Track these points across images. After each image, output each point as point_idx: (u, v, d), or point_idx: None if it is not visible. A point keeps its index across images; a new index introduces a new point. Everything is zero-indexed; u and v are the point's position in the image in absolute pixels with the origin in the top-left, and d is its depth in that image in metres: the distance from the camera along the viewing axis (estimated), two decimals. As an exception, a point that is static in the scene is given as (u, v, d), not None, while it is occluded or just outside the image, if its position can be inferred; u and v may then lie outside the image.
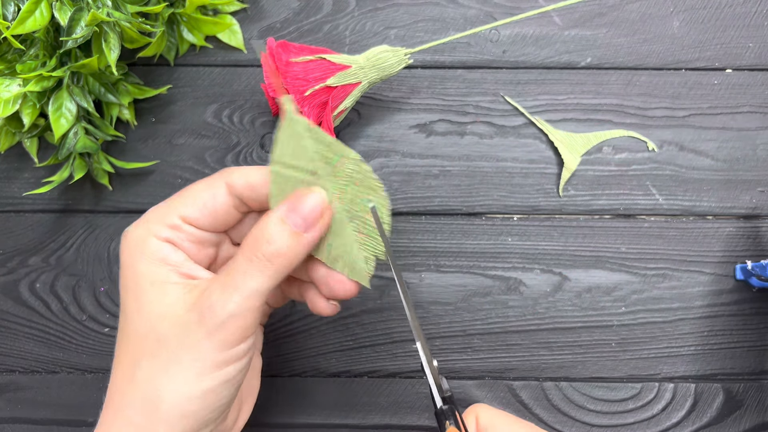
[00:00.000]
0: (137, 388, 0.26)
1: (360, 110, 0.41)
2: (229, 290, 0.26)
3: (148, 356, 0.27)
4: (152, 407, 0.26)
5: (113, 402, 0.27)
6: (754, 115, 0.41)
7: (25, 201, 0.41)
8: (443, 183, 0.41)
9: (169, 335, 0.26)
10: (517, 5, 0.41)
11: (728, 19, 0.41)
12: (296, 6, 0.42)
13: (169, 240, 0.28)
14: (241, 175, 0.29)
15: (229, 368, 0.27)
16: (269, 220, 0.27)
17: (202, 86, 0.42)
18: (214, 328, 0.26)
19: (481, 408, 0.30)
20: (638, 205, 0.40)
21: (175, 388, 0.26)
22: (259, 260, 0.26)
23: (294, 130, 0.28)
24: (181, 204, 0.29)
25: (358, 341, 0.40)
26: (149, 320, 0.27)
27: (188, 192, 0.29)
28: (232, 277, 0.26)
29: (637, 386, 0.40)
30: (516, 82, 0.41)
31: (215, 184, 0.29)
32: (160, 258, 0.28)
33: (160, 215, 0.29)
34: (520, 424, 0.29)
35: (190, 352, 0.26)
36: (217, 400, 0.27)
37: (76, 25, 0.34)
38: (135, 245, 0.28)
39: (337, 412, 0.40)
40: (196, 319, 0.26)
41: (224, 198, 0.29)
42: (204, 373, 0.26)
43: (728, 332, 0.40)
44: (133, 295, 0.28)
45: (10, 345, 0.41)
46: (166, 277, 0.27)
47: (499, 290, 0.40)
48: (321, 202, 0.28)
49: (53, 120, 0.36)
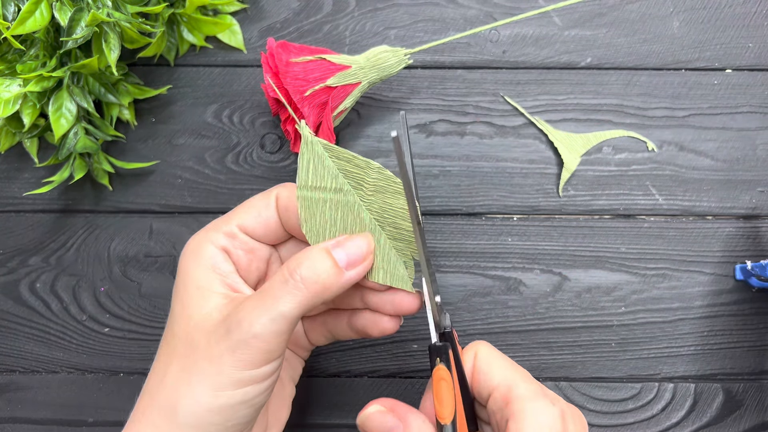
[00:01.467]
0: (163, 391, 0.27)
1: (360, 110, 0.41)
2: (258, 310, 0.26)
3: (179, 361, 0.27)
4: (172, 412, 0.26)
5: (143, 401, 0.28)
6: (754, 115, 0.41)
7: (25, 201, 0.41)
8: (443, 183, 0.41)
9: (199, 344, 0.27)
10: (517, 5, 0.41)
11: (728, 19, 0.41)
12: (296, 6, 0.42)
13: (224, 248, 0.29)
14: (287, 192, 0.30)
15: (247, 389, 0.26)
16: (315, 248, 0.28)
17: (202, 86, 0.42)
18: (237, 346, 0.26)
19: (482, 346, 0.30)
20: (638, 205, 0.40)
21: (194, 397, 0.26)
22: (295, 283, 0.26)
23: (313, 152, 0.28)
24: (238, 212, 0.30)
25: (358, 341, 0.40)
26: (188, 325, 0.27)
27: (247, 202, 0.30)
28: (264, 297, 0.26)
29: (637, 386, 0.40)
30: (516, 82, 0.41)
31: (269, 194, 0.30)
32: (211, 264, 0.28)
33: (220, 223, 0.30)
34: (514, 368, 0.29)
35: (212, 364, 0.26)
36: (233, 419, 0.26)
37: (76, 26, 0.34)
38: (192, 250, 0.29)
39: (337, 412, 0.40)
40: (223, 333, 0.26)
41: (274, 209, 0.30)
42: (222, 389, 0.26)
43: (728, 332, 0.40)
44: (180, 298, 0.28)
45: (10, 345, 0.41)
46: (210, 285, 0.28)
47: (499, 290, 0.40)
48: (367, 245, 0.28)
49: (53, 120, 0.37)
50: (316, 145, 0.28)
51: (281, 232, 0.30)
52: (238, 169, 0.41)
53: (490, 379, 0.28)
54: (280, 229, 0.30)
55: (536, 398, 0.27)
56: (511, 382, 0.28)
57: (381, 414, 0.28)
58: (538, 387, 0.28)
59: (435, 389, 0.28)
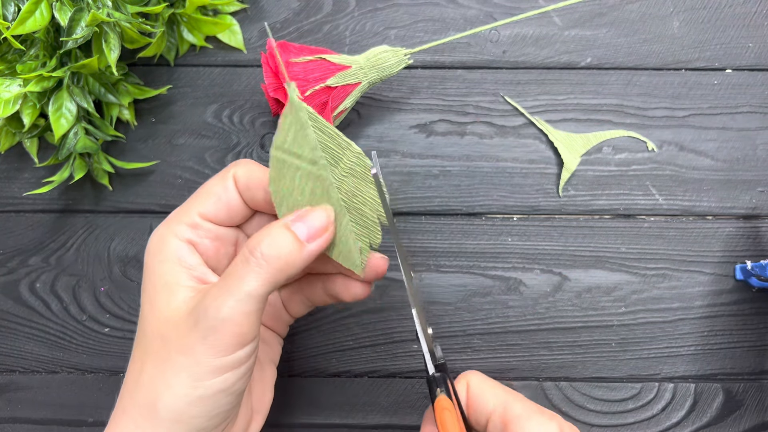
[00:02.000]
0: (141, 390, 0.27)
1: (360, 110, 0.41)
2: (223, 294, 0.26)
3: (153, 358, 0.27)
4: (152, 410, 0.26)
5: (122, 402, 0.27)
6: (754, 115, 0.41)
7: (25, 201, 0.41)
8: (443, 183, 0.41)
9: (171, 338, 0.26)
10: (517, 5, 0.41)
11: (728, 19, 0.41)
12: (296, 6, 0.42)
13: (190, 240, 0.28)
14: (244, 170, 0.29)
15: (226, 375, 0.26)
16: (274, 224, 0.27)
17: (202, 86, 0.42)
18: (208, 333, 0.25)
19: (472, 375, 0.30)
20: (638, 205, 0.40)
21: (172, 392, 0.26)
22: (256, 261, 0.26)
23: (297, 117, 0.28)
24: (197, 201, 0.29)
25: (358, 341, 0.40)
26: (158, 321, 0.27)
27: (203, 188, 0.30)
28: (227, 280, 0.26)
29: (637, 386, 0.40)
30: (516, 82, 0.41)
31: (225, 176, 0.29)
32: (177, 258, 0.28)
33: (181, 215, 0.29)
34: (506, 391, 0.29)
35: (186, 356, 0.26)
36: (215, 408, 0.26)
37: (76, 26, 0.34)
38: (156, 245, 0.28)
39: (337, 412, 0.40)
40: (192, 323, 0.26)
41: (233, 190, 0.29)
42: (199, 379, 0.26)
43: (728, 332, 0.40)
44: (148, 295, 0.28)
45: (10, 345, 0.41)
46: (177, 279, 0.28)
47: (499, 290, 0.40)
48: (328, 217, 0.28)
49: (53, 120, 0.37)
50: (302, 111, 0.28)
51: (245, 212, 0.30)
52: (238, 169, 0.41)
53: (485, 404, 0.29)
54: (244, 208, 0.30)
55: (533, 416, 0.27)
56: (507, 403, 0.28)
57: None
58: (533, 405, 0.28)
59: (439, 420, 0.28)
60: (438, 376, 0.29)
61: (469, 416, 0.30)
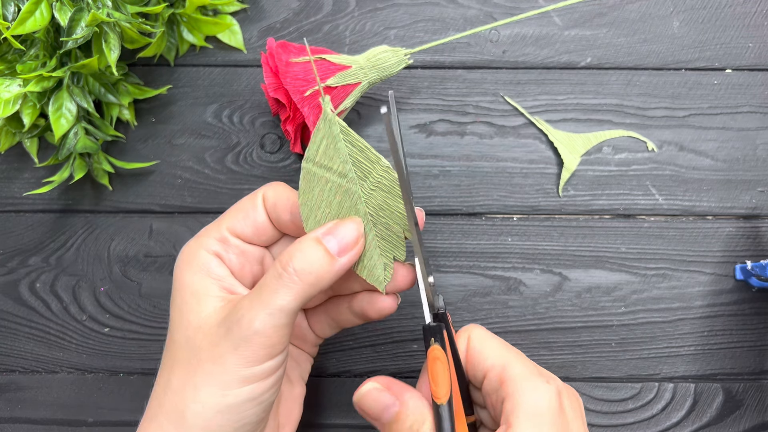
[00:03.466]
0: (170, 397, 0.27)
1: (360, 110, 0.41)
2: (256, 306, 0.26)
3: (182, 366, 0.27)
4: (180, 417, 0.26)
5: (151, 408, 0.28)
6: (754, 115, 0.41)
7: (25, 201, 0.41)
8: (443, 183, 0.41)
9: (201, 347, 0.27)
10: (517, 5, 0.41)
11: (728, 19, 0.41)
12: (296, 6, 0.42)
13: (217, 253, 0.29)
14: (274, 191, 0.30)
15: (253, 386, 0.26)
16: (304, 239, 0.27)
17: (202, 86, 0.42)
18: (239, 343, 0.26)
19: (475, 328, 0.30)
20: (638, 205, 0.40)
21: (201, 400, 0.26)
22: (289, 276, 0.26)
23: (330, 130, 0.28)
24: (227, 216, 0.30)
25: (358, 341, 0.40)
26: (187, 330, 0.27)
27: (235, 205, 0.30)
28: (260, 293, 0.26)
29: (637, 386, 0.40)
30: (516, 82, 0.41)
31: (255, 194, 0.30)
32: (205, 270, 0.28)
33: (210, 230, 0.30)
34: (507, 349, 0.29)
35: (216, 365, 0.26)
36: (242, 418, 0.26)
37: (76, 26, 0.34)
38: (185, 257, 0.29)
39: (337, 412, 0.40)
40: (224, 333, 0.26)
41: (262, 209, 0.30)
42: (228, 388, 0.26)
43: (728, 332, 0.40)
44: (178, 305, 0.28)
45: (10, 345, 0.41)
46: (207, 290, 0.28)
47: (499, 290, 0.40)
48: (358, 230, 0.28)
49: (53, 120, 0.37)
50: (334, 125, 0.28)
51: (271, 232, 0.30)
52: (238, 169, 0.41)
53: (484, 360, 0.28)
54: (270, 228, 0.30)
55: (531, 377, 0.27)
56: (506, 362, 0.28)
57: (377, 392, 0.28)
58: (532, 366, 0.28)
59: (430, 369, 0.28)
60: (434, 325, 0.28)
61: (467, 370, 0.29)
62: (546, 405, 0.26)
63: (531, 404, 0.26)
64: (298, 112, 0.36)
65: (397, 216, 0.29)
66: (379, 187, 0.28)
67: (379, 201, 0.29)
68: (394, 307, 0.31)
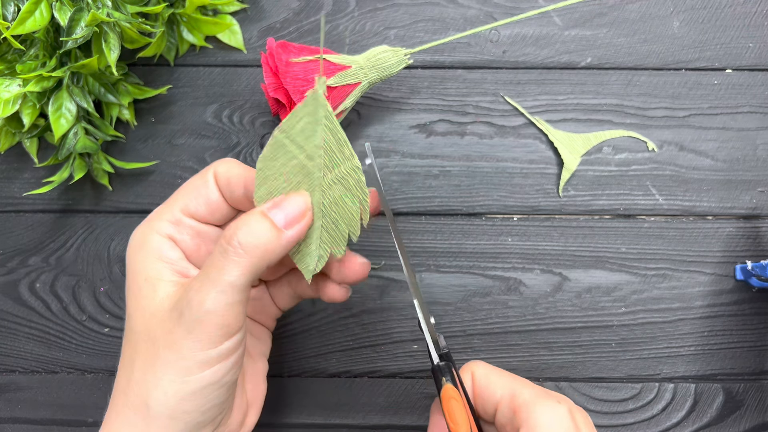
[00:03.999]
0: (133, 388, 0.26)
1: (360, 110, 0.41)
2: (205, 286, 0.26)
3: (142, 355, 0.27)
4: (145, 408, 0.26)
5: (115, 401, 0.27)
6: (754, 115, 0.41)
7: (25, 201, 0.41)
8: (443, 183, 0.41)
9: (157, 334, 0.26)
10: (517, 5, 0.41)
11: (728, 19, 0.41)
12: (296, 6, 0.42)
13: (170, 236, 0.28)
14: (225, 167, 0.29)
15: (214, 368, 0.26)
16: (249, 213, 0.27)
17: (202, 86, 0.42)
18: (193, 326, 0.25)
19: (477, 365, 0.30)
20: (638, 205, 0.40)
21: (162, 389, 0.26)
22: (234, 250, 0.26)
23: (315, 111, 0.27)
24: (179, 197, 0.29)
25: (358, 341, 0.40)
26: (143, 318, 0.27)
27: (185, 184, 0.30)
28: (207, 272, 0.26)
29: (637, 386, 0.40)
30: (516, 82, 0.41)
31: (206, 172, 0.29)
32: (157, 254, 0.28)
33: (162, 212, 0.29)
34: (513, 378, 0.29)
35: (173, 351, 0.26)
36: (207, 402, 0.26)
37: (76, 26, 0.34)
38: (137, 242, 0.28)
39: (337, 412, 0.40)
40: (177, 317, 0.26)
41: (214, 186, 0.29)
42: (188, 374, 0.26)
43: (728, 332, 0.40)
44: (133, 292, 0.28)
45: (10, 345, 0.41)
46: (159, 274, 0.27)
47: (499, 290, 0.40)
48: (305, 203, 0.28)
49: (53, 120, 0.36)
50: (321, 108, 0.27)
51: (225, 210, 0.30)
52: (238, 169, 0.41)
53: (492, 393, 0.28)
54: (224, 206, 0.30)
55: (542, 400, 0.27)
56: (514, 390, 0.28)
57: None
58: (541, 390, 0.28)
59: (446, 409, 0.28)
60: (443, 365, 0.29)
61: (476, 406, 0.29)
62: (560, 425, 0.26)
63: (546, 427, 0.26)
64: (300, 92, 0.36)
65: (348, 216, 0.29)
66: (341, 182, 0.28)
67: (336, 195, 0.28)
68: (344, 297, 0.31)
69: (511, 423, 0.28)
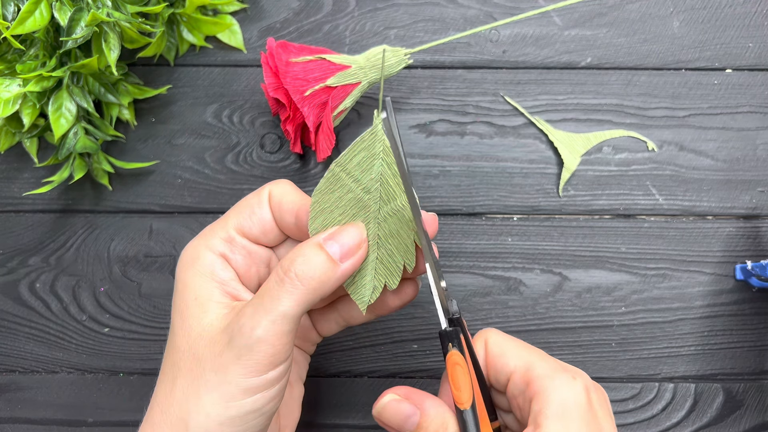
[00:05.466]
0: (172, 406, 0.26)
1: (360, 110, 0.41)
2: (259, 313, 0.25)
3: (185, 374, 0.26)
4: (183, 427, 0.26)
5: (152, 416, 0.27)
6: (754, 115, 0.41)
7: (25, 201, 0.41)
8: (443, 183, 0.41)
9: (204, 355, 0.26)
10: (517, 5, 0.41)
11: (728, 19, 0.41)
12: (296, 6, 0.42)
13: (223, 254, 0.28)
14: (280, 189, 0.29)
15: (257, 396, 0.26)
16: (306, 243, 0.27)
17: (202, 86, 0.42)
18: (242, 352, 0.25)
19: (491, 332, 0.29)
20: (638, 205, 0.40)
21: (204, 410, 0.25)
22: (291, 281, 0.26)
23: (371, 144, 0.27)
24: (233, 215, 0.29)
25: (358, 341, 0.40)
26: (189, 337, 0.27)
27: (240, 202, 0.29)
28: (262, 300, 0.26)
29: (637, 386, 0.40)
30: (516, 82, 0.41)
31: (261, 191, 0.29)
32: (209, 272, 0.28)
33: (216, 228, 0.29)
34: (528, 349, 0.28)
35: (219, 374, 0.25)
36: (246, 429, 0.26)
37: (76, 26, 0.34)
38: (188, 258, 0.28)
39: (337, 412, 0.40)
40: (226, 341, 0.26)
41: (267, 206, 0.29)
42: (231, 399, 0.25)
43: (728, 332, 0.40)
44: (180, 309, 0.28)
45: (10, 345, 0.41)
46: (209, 294, 0.27)
47: (499, 290, 0.40)
48: (360, 235, 0.28)
49: (53, 120, 0.36)
50: (379, 143, 0.27)
51: (278, 232, 0.30)
52: (237, 169, 0.41)
53: (506, 363, 0.28)
54: (275, 228, 0.29)
55: (557, 375, 0.26)
56: (529, 362, 0.27)
57: (396, 402, 0.27)
58: (556, 363, 0.27)
59: (451, 375, 0.27)
60: (450, 330, 0.28)
61: (488, 375, 0.29)
62: (574, 402, 0.25)
63: (559, 402, 0.25)
64: (298, 112, 0.36)
65: (404, 247, 0.28)
66: (397, 215, 0.28)
67: (392, 228, 0.28)
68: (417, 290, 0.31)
69: (522, 395, 0.27)
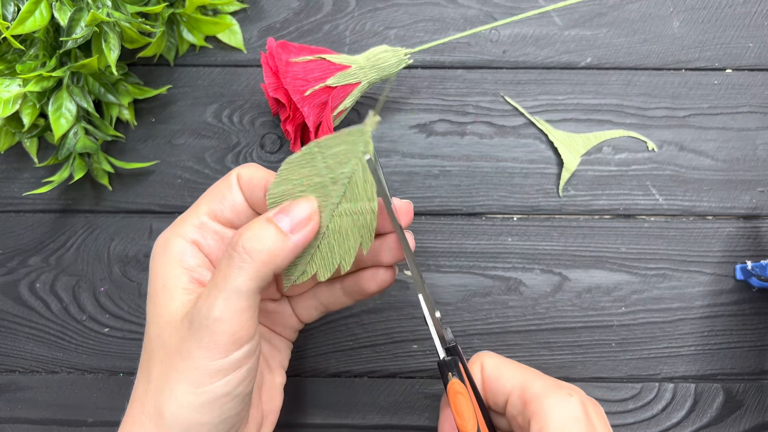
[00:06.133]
0: (149, 397, 0.26)
1: (360, 110, 0.41)
2: (212, 293, 0.25)
3: (158, 364, 0.26)
4: (161, 418, 0.26)
5: (132, 408, 0.27)
6: (754, 115, 0.41)
7: (25, 201, 0.41)
8: (443, 183, 0.41)
9: (171, 343, 0.26)
10: (517, 5, 0.41)
11: (728, 19, 0.41)
12: (296, 6, 0.42)
13: (195, 241, 0.28)
14: (248, 170, 0.29)
15: (227, 379, 0.26)
16: (256, 219, 0.27)
17: (202, 86, 0.42)
18: (203, 335, 0.25)
19: (487, 356, 0.29)
20: (638, 205, 0.40)
21: (176, 399, 0.25)
22: (239, 255, 0.25)
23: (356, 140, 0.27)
24: (205, 201, 0.29)
25: (358, 341, 0.40)
26: (159, 326, 0.27)
27: (210, 189, 0.29)
28: (215, 280, 0.26)
29: (637, 386, 0.40)
30: (516, 82, 0.41)
31: (229, 175, 0.29)
32: (178, 260, 0.28)
33: (187, 216, 0.29)
34: (523, 369, 0.28)
35: (185, 361, 0.25)
36: (221, 413, 0.26)
37: (76, 26, 0.34)
38: (159, 247, 0.28)
39: (337, 412, 0.40)
40: (187, 326, 0.26)
41: (237, 189, 0.29)
42: (200, 385, 0.25)
43: (728, 332, 0.40)
44: (151, 299, 0.28)
45: (10, 345, 0.41)
46: (176, 282, 0.27)
47: (499, 290, 0.40)
48: (311, 207, 0.28)
49: (53, 120, 0.36)
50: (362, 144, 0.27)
51: (250, 214, 0.29)
52: (238, 169, 0.41)
53: (503, 385, 0.28)
54: (248, 209, 0.29)
55: (554, 392, 0.27)
56: (525, 382, 0.28)
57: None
58: (552, 381, 0.28)
59: (453, 404, 0.27)
60: (449, 359, 0.28)
61: (486, 398, 0.29)
62: (573, 418, 0.26)
63: (558, 419, 0.26)
64: (298, 112, 0.36)
65: (345, 249, 0.29)
66: (353, 217, 0.28)
67: (344, 226, 0.28)
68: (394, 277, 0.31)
69: (521, 415, 0.27)
